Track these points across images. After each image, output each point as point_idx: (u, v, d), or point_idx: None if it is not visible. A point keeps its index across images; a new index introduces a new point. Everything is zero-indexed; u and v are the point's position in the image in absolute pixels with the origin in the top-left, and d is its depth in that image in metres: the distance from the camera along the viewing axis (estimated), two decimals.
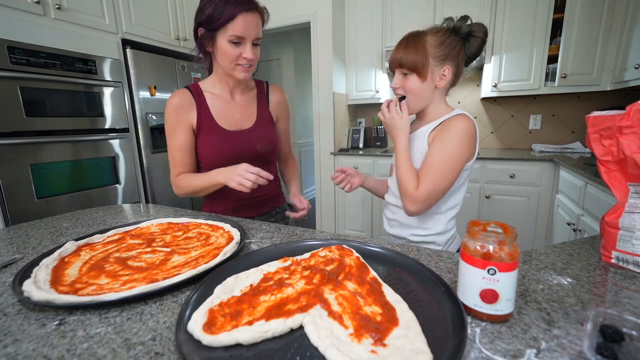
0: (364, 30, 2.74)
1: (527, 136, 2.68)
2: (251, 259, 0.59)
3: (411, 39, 0.82)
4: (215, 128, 0.96)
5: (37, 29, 1.71)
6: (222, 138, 0.96)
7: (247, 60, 0.88)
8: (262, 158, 1.02)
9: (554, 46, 2.20)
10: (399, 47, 0.83)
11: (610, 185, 0.57)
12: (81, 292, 0.49)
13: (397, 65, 0.83)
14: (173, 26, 2.53)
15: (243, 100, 1.01)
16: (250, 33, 0.85)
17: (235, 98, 1.00)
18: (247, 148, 0.98)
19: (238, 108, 1.00)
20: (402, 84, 0.83)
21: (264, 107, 1.04)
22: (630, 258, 0.55)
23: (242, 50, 0.86)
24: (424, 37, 0.81)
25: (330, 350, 0.35)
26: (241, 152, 0.96)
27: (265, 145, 1.01)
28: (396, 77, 0.84)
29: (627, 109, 0.53)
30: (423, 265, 0.53)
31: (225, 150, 0.95)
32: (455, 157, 0.77)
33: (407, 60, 0.80)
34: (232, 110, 0.99)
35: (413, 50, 0.80)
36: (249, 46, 0.86)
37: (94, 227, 0.88)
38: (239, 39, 0.85)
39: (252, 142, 0.99)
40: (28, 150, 1.69)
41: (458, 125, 0.78)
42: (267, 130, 1.03)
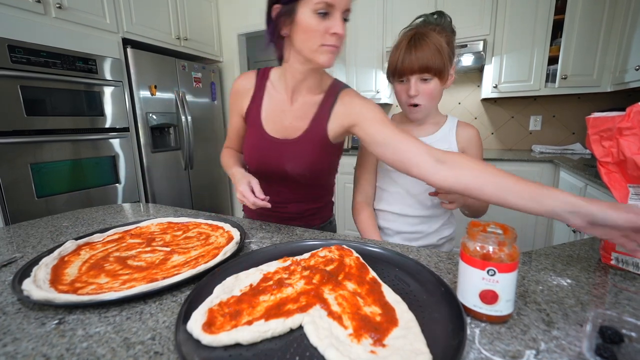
0: (364, 30, 2.74)
1: (527, 137, 2.68)
2: (251, 259, 0.59)
3: (428, 41, 0.75)
4: (257, 128, 0.82)
5: (38, 28, 1.71)
6: (260, 142, 0.82)
7: (337, 37, 0.68)
8: (294, 179, 0.83)
9: (555, 47, 2.20)
10: (419, 50, 0.75)
11: (610, 187, 0.57)
12: (81, 291, 0.49)
13: (422, 70, 0.76)
14: (174, 26, 2.53)
15: (303, 104, 0.80)
16: (340, 1, 0.66)
17: (295, 99, 0.81)
18: (277, 163, 0.81)
19: (292, 113, 0.81)
20: (421, 89, 0.78)
21: (321, 120, 0.79)
22: (630, 259, 0.55)
23: (330, 24, 0.66)
24: (435, 36, 0.76)
25: (329, 351, 0.35)
26: (270, 165, 0.82)
27: (298, 167, 0.80)
28: (415, 84, 0.77)
29: (627, 111, 0.53)
30: (423, 266, 0.53)
31: (258, 157, 0.82)
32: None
33: (435, 64, 0.75)
34: (284, 113, 0.81)
35: (437, 53, 0.75)
36: (339, 18, 0.67)
37: (93, 226, 0.88)
38: (327, 7, 0.65)
39: (285, 158, 0.81)
40: (28, 150, 1.69)
41: (479, 134, 0.89)
42: (310, 150, 0.80)
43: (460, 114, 2.84)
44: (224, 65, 3.11)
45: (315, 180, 0.86)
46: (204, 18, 2.81)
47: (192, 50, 2.71)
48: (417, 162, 0.66)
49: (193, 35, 2.69)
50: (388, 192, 0.93)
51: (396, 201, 0.91)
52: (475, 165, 0.61)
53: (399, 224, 0.92)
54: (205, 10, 2.83)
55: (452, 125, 0.89)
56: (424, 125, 0.90)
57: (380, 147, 0.72)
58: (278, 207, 0.88)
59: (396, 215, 0.92)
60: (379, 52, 2.72)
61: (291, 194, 0.88)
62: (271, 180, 0.85)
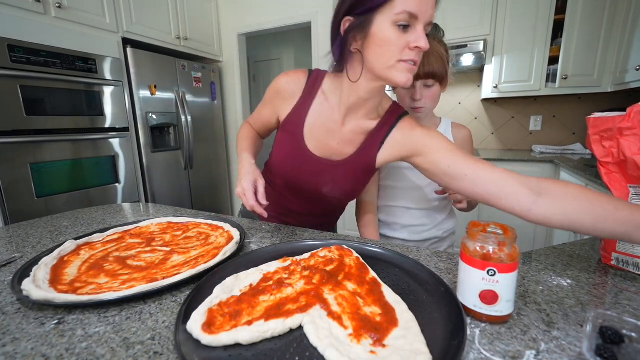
0: None
1: (527, 137, 2.68)
2: (251, 259, 0.59)
3: (431, 49, 0.77)
4: (297, 140, 0.74)
5: (38, 28, 1.71)
6: (296, 154, 0.75)
7: (419, 51, 0.58)
8: (326, 204, 0.81)
9: (555, 47, 2.20)
10: (425, 57, 0.77)
11: (610, 187, 0.57)
12: (80, 291, 0.49)
13: (427, 76, 0.81)
14: (174, 25, 2.53)
15: (356, 128, 0.73)
16: (426, 11, 0.56)
17: (348, 121, 0.72)
18: (313, 182, 0.76)
19: (341, 136, 0.73)
20: (425, 94, 0.83)
21: (372, 147, 0.72)
22: (630, 260, 0.55)
23: (412, 37, 0.57)
24: (436, 45, 0.80)
25: (329, 351, 0.35)
26: (303, 180, 0.77)
27: (336, 191, 0.77)
28: (420, 89, 0.83)
29: (628, 111, 0.53)
30: (423, 266, 0.53)
31: (292, 170, 0.76)
32: None
33: (439, 70, 0.80)
34: (332, 134, 0.73)
35: (440, 60, 0.80)
36: (422, 31, 0.57)
37: (93, 226, 0.88)
38: (410, 18, 0.56)
39: (323, 179, 0.75)
40: (28, 149, 1.69)
41: (471, 136, 0.96)
42: (353, 177, 0.75)
43: (460, 114, 2.84)
44: (224, 65, 3.11)
45: (346, 201, 0.83)
46: (204, 18, 2.80)
47: (192, 50, 2.70)
48: (507, 194, 0.57)
49: (193, 35, 2.69)
50: (393, 188, 0.96)
51: (402, 196, 0.95)
52: (576, 193, 0.52)
53: (405, 218, 0.96)
54: (205, 10, 2.82)
55: (447, 127, 0.94)
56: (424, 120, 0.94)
57: (454, 180, 0.63)
58: (293, 216, 0.86)
59: (403, 210, 0.95)
60: None
61: (312, 207, 0.86)
62: (298, 193, 0.81)
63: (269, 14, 2.81)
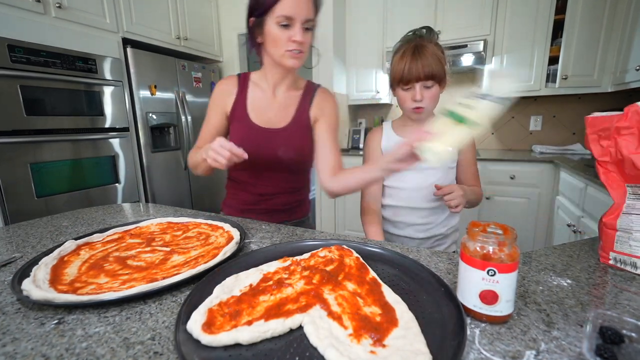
0: (365, 30, 2.74)
1: (527, 137, 2.68)
2: (251, 259, 0.59)
3: (429, 52, 0.84)
4: (245, 120, 0.91)
5: (38, 28, 1.71)
6: (249, 132, 0.90)
7: (297, 44, 0.79)
8: (284, 165, 0.91)
9: (555, 47, 2.20)
10: (423, 59, 0.83)
11: (608, 186, 0.57)
12: (80, 291, 0.49)
13: (426, 78, 0.84)
14: (174, 25, 2.53)
15: (285, 98, 0.93)
16: (299, 12, 0.77)
17: (277, 94, 0.93)
18: (269, 149, 0.89)
19: (276, 105, 0.92)
20: (425, 95, 0.87)
21: (304, 110, 0.92)
22: (628, 259, 0.55)
23: (291, 33, 0.78)
24: (433, 47, 0.86)
25: (329, 351, 0.35)
26: (262, 152, 0.88)
27: (290, 151, 0.90)
28: (420, 90, 0.86)
29: (625, 110, 0.53)
30: (423, 266, 0.53)
31: (247, 146, 0.84)
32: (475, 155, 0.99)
33: (438, 71, 0.84)
34: (269, 106, 0.92)
35: (438, 62, 0.84)
36: (299, 27, 0.78)
37: (93, 226, 0.88)
38: (287, 19, 0.77)
39: (276, 144, 0.90)
40: (28, 149, 1.69)
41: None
42: (299, 136, 0.92)
43: None
44: (224, 65, 3.11)
45: (302, 165, 0.96)
46: (204, 18, 2.80)
47: (192, 50, 2.70)
48: (320, 169, 0.90)
49: (193, 35, 2.68)
50: (398, 189, 1.00)
51: (407, 196, 0.99)
52: (348, 172, 0.86)
53: (410, 217, 0.99)
54: (205, 10, 2.82)
55: None
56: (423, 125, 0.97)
57: (315, 144, 0.93)
58: (264, 199, 0.96)
59: (407, 209, 0.99)
60: (379, 52, 2.72)
61: (278, 184, 0.96)
62: (261, 169, 0.92)
63: None
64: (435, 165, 0.62)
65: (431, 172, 0.95)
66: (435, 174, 0.95)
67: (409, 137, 0.73)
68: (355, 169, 0.83)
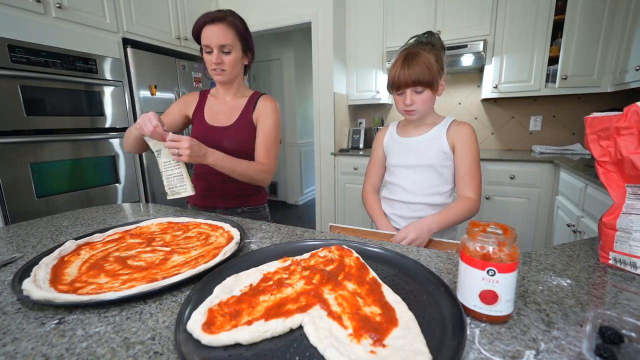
0: (365, 30, 2.74)
1: (527, 137, 2.68)
2: (251, 259, 0.59)
3: (419, 59, 0.89)
4: (201, 121, 1.14)
5: (38, 28, 1.71)
6: (202, 129, 1.13)
7: (215, 65, 1.03)
8: (232, 155, 1.04)
9: (555, 47, 2.20)
10: (412, 67, 0.89)
11: (608, 187, 0.57)
12: (80, 291, 0.49)
13: (414, 84, 0.90)
14: (174, 25, 2.53)
15: (233, 103, 1.16)
16: (213, 42, 1.01)
17: (226, 101, 1.16)
18: (218, 142, 1.07)
19: (225, 109, 1.15)
20: (415, 99, 0.92)
21: (248, 112, 1.14)
22: (627, 259, 0.55)
23: (212, 57, 1.02)
24: (425, 55, 0.90)
25: (329, 351, 0.35)
26: (212, 145, 1.01)
27: (234, 144, 1.10)
28: (410, 95, 0.92)
29: (625, 110, 0.53)
30: (422, 266, 0.53)
31: (202, 140, 1.03)
32: (478, 157, 0.98)
33: (425, 78, 0.89)
34: (219, 109, 1.15)
35: (427, 69, 0.89)
36: (216, 52, 1.02)
37: (93, 226, 0.88)
38: (207, 47, 1.02)
39: (224, 138, 1.10)
40: (28, 149, 1.69)
41: (471, 130, 0.98)
42: (242, 131, 1.12)
43: (460, 114, 2.84)
44: None
45: (246, 156, 1.09)
46: None
47: (192, 50, 2.70)
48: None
49: None
50: (393, 184, 1.06)
51: (400, 191, 1.04)
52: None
53: (404, 211, 1.04)
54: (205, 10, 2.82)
55: (445, 124, 1.00)
56: (422, 126, 1.03)
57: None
58: (220, 186, 1.13)
59: (401, 203, 1.04)
60: (379, 52, 2.72)
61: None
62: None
63: (269, 14, 2.81)
64: None
65: (424, 169, 0.99)
66: (428, 172, 0.99)
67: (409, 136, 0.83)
68: None
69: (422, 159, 0.99)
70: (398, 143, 1.05)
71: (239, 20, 1.07)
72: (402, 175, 1.03)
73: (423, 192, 1.00)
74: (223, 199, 1.16)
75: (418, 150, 1.00)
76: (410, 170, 1.01)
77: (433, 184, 0.99)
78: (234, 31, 1.03)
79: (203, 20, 1.02)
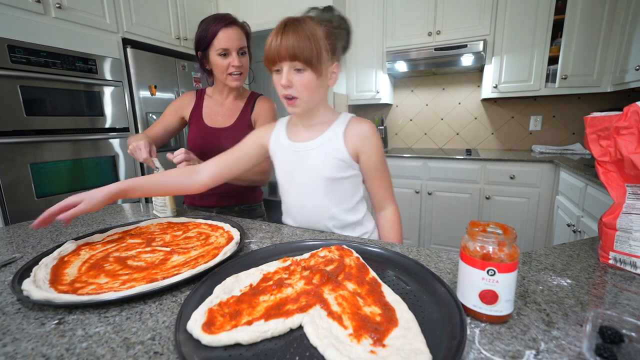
0: (365, 30, 2.74)
1: (527, 137, 2.68)
2: (251, 259, 0.59)
3: (300, 28, 0.68)
4: (199, 122, 1.14)
5: (38, 28, 1.71)
6: (201, 131, 1.13)
7: (236, 68, 1.03)
8: None
9: (555, 47, 2.20)
10: (286, 35, 0.67)
11: (608, 186, 0.57)
12: (80, 291, 0.49)
13: (291, 58, 0.68)
14: (174, 26, 2.53)
15: (231, 105, 1.16)
16: (233, 44, 1.01)
17: (225, 103, 1.17)
18: (217, 143, 1.07)
19: (224, 111, 1.15)
20: (294, 80, 0.70)
21: (246, 113, 1.15)
22: (627, 259, 0.55)
23: (230, 60, 1.02)
24: (310, 24, 0.69)
25: (329, 351, 0.35)
26: (211, 146, 1.05)
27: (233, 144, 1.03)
28: (286, 73, 0.70)
29: (625, 110, 0.53)
30: (422, 266, 0.53)
31: (199, 142, 1.09)
32: (385, 159, 0.83)
33: (304, 51, 0.67)
34: (218, 110, 1.16)
35: (307, 41, 0.67)
36: (235, 55, 1.02)
37: (93, 226, 0.88)
38: (224, 51, 1.02)
39: (223, 139, 1.10)
40: (28, 149, 1.69)
41: (374, 129, 0.80)
42: (242, 132, 1.05)
43: (460, 114, 2.84)
44: None
45: None
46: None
47: (192, 50, 2.69)
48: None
49: (193, 35, 2.68)
50: (288, 206, 0.89)
51: (297, 215, 0.87)
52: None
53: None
54: (206, 10, 2.82)
55: (342, 125, 0.79)
56: (313, 126, 0.81)
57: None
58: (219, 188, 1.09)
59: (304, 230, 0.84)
60: (379, 52, 2.72)
61: None
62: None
63: (269, 14, 2.81)
64: None
65: (319, 184, 0.80)
66: (326, 186, 0.79)
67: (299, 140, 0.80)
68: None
69: (316, 171, 0.79)
70: (285, 149, 0.83)
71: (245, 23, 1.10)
72: (295, 195, 0.84)
73: (326, 212, 0.81)
74: (219, 198, 1.17)
75: (309, 160, 0.79)
76: (305, 187, 0.81)
77: (333, 202, 0.80)
78: (245, 33, 1.06)
79: (218, 25, 1.01)
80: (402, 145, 3.16)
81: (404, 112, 3.08)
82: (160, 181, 0.82)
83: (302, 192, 0.83)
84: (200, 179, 0.84)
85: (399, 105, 3.09)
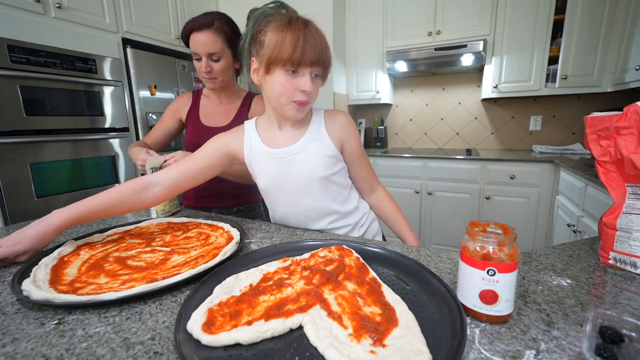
0: (365, 30, 2.74)
1: (527, 137, 2.68)
2: (251, 259, 0.59)
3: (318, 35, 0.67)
4: (196, 122, 1.14)
5: (38, 28, 1.71)
6: (197, 130, 1.13)
7: (205, 73, 1.02)
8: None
9: (555, 47, 2.20)
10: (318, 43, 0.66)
11: (608, 186, 0.57)
12: (80, 291, 0.49)
13: (319, 64, 0.67)
14: (174, 26, 2.53)
15: (227, 104, 1.16)
16: (201, 50, 0.98)
17: (221, 102, 1.16)
18: None
19: (220, 110, 1.16)
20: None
21: (243, 112, 1.15)
22: (628, 259, 0.55)
23: (199, 64, 1.02)
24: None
25: (329, 351, 0.35)
26: None
27: None
28: (310, 79, 0.68)
29: (625, 110, 0.53)
30: (422, 266, 0.53)
31: (196, 141, 1.06)
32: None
33: (327, 60, 0.69)
34: (215, 109, 1.16)
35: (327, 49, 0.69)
36: (204, 61, 1.00)
37: (93, 226, 0.88)
38: (196, 55, 1.01)
39: None
40: (28, 149, 1.69)
41: (350, 118, 0.82)
42: None
43: (460, 114, 2.84)
44: None
45: None
46: None
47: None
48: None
49: None
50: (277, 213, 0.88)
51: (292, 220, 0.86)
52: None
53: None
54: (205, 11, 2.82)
55: (319, 121, 0.79)
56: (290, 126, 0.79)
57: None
58: (215, 185, 1.08)
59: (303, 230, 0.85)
60: (378, 52, 2.72)
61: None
62: None
63: None
64: None
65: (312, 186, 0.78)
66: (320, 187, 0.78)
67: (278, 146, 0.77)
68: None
69: (308, 174, 0.76)
70: (265, 157, 0.78)
71: (227, 25, 1.01)
72: (287, 202, 0.81)
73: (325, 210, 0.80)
74: (218, 199, 1.17)
75: (298, 164, 0.76)
76: (299, 192, 0.79)
77: (330, 199, 0.80)
78: (222, 37, 0.99)
79: (190, 27, 0.98)
80: (402, 145, 3.16)
81: (404, 112, 3.08)
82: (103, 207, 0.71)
83: (296, 197, 0.79)
84: (153, 194, 0.76)
85: (399, 105, 3.09)
